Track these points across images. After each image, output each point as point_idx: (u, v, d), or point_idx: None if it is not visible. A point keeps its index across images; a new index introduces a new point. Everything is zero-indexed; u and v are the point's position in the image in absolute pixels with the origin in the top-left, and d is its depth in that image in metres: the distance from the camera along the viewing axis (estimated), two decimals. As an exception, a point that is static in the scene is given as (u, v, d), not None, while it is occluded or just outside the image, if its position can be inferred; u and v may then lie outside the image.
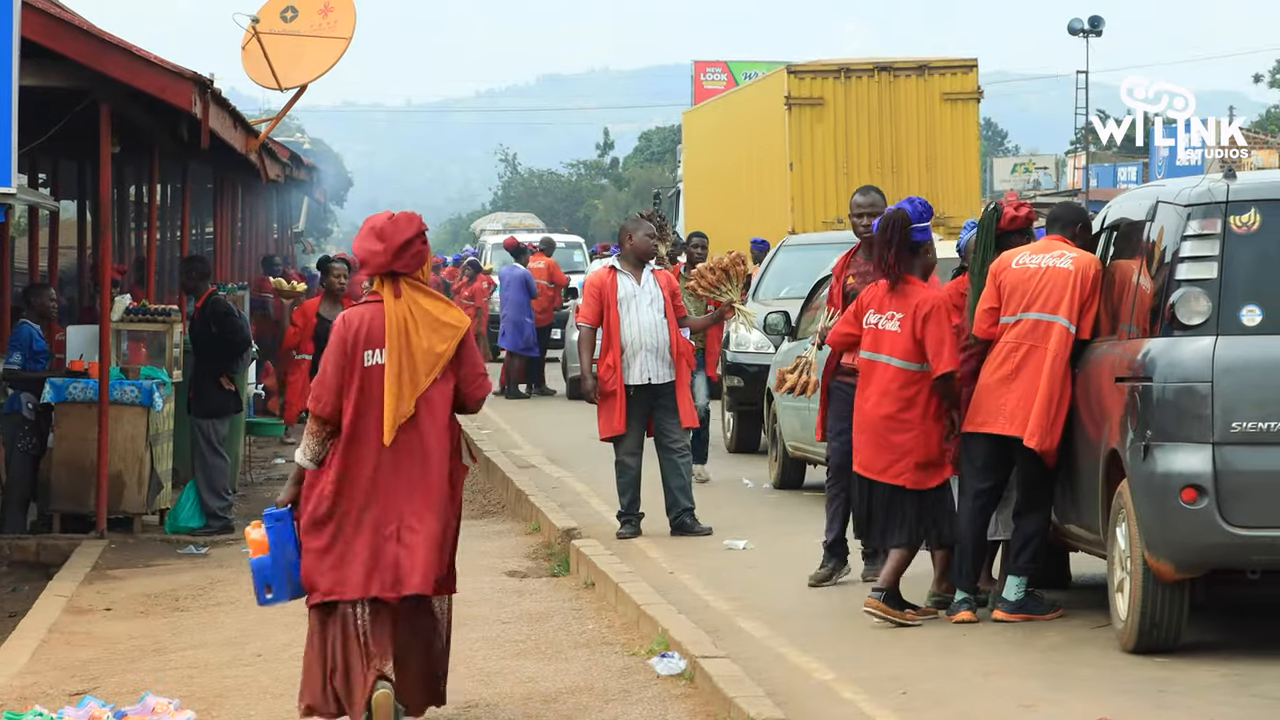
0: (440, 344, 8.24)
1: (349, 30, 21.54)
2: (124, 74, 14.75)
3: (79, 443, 15.55)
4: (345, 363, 8.24)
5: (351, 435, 8.21)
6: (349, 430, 8.21)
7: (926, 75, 27.79)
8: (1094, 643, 9.95)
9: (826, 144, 27.31)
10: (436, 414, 8.26)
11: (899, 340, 10.66)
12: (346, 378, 8.23)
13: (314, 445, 8.28)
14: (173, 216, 29.92)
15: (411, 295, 8.27)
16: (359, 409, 8.21)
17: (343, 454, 8.22)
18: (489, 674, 9.89)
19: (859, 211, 11.97)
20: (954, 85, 27.77)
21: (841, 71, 27.75)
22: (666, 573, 12.54)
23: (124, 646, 11.32)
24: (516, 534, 15.18)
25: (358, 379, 8.22)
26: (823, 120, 27.39)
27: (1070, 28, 61.10)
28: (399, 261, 8.26)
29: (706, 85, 76.64)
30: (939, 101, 27.52)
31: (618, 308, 14.01)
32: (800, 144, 27.43)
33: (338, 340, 8.29)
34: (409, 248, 8.27)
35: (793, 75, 27.83)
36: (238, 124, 18.83)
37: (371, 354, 8.23)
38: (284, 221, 47.50)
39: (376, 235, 8.29)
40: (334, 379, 8.25)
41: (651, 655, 9.95)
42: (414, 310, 8.24)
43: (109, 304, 16.03)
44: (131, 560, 14.67)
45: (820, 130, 27.35)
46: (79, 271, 25.59)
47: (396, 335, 8.19)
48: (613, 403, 13.92)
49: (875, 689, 8.97)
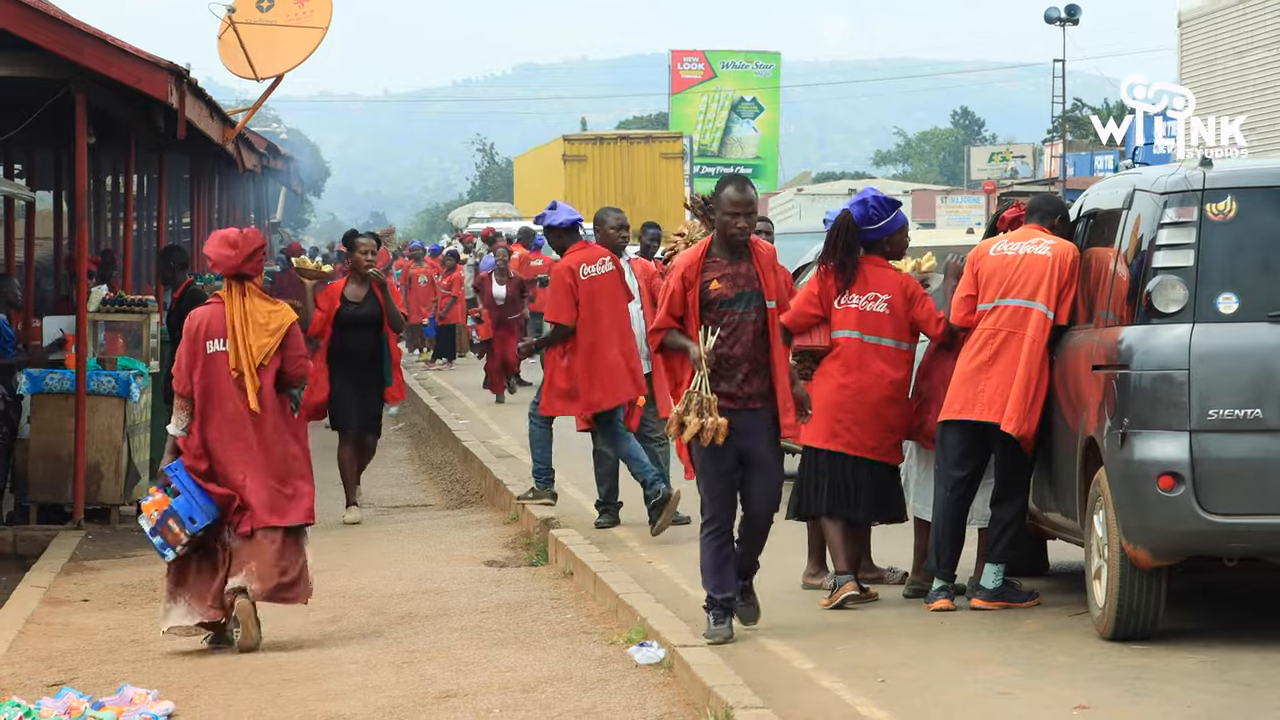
0: (265, 336, 10.49)
1: (325, 20, 21.53)
2: (99, 64, 14.71)
3: (56, 434, 15.51)
4: (193, 348, 10.50)
5: (202, 407, 10.47)
6: (199, 404, 10.48)
7: (651, 142, 47.52)
8: (1072, 630, 9.97)
9: (588, 185, 44.89)
10: (268, 386, 10.54)
11: (888, 321, 10.75)
12: (193, 361, 10.47)
13: (182, 417, 10.50)
14: (149, 207, 29.87)
15: (249, 297, 10.52)
16: (205, 386, 10.47)
17: (199, 421, 10.47)
18: (467, 663, 9.89)
19: (734, 210, 9.86)
20: (668, 148, 47.00)
21: (597, 139, 48.01)
22: (645, 562, 12.55)
23: (102, 637, 11.31)
24: (495, 524, 15.18)
25: (202, 362, 10.47)
26: (585, 170, 46.05)
27: (1047, 16, 61.19)
28: (247, 265, 10.52)
29: (684, 74, 76.67)
30: (659, 159, 46.36)
31: None
32: (571, 186, 44.96)
33: (187, 334, 10.55)
34: (254, 257, 10.55)
35: (566, 141, 47.83)
36: (214, 114, 18.79)
37: (213, 343, 10.48)
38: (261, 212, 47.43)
39: (230, 244, 10.53)
40: (187, 363, 10.50)
41: (630, 644, 9.95)
42: (248, 308, 10.50)
43: (85, 294, 15.99)
44: (109, 551, 14.65)
45: (584, 176, 45.81)
46: (55, 262, 25.54)
47: (231, 328, 10.47)
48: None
49: (854, 677, 8.98)
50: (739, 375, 9.86)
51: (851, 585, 10.67)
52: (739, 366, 9.86)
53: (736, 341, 9.85)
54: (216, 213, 31.66)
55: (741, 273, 9.91)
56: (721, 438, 9.65)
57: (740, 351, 9.87)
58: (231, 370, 10.44)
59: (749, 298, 9.89)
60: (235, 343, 10.43)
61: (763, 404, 9.90)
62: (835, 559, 10.83)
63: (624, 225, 14.40)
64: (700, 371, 9.70)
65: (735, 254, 9.94)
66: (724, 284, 9.87)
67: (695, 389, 9.69)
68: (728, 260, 9.92)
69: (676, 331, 9.91)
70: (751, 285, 9.90)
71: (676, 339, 9.90)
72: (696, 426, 9.63)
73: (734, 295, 9.86)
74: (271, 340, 10.51)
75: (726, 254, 9.93)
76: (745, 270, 9.91)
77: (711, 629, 9.85)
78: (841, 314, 10.80)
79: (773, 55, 79.40)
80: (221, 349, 10.47)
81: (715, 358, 9.72)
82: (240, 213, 38.63)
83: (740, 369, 9.86)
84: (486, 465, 17.42)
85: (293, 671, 9.95)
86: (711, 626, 9.87)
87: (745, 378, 9.86)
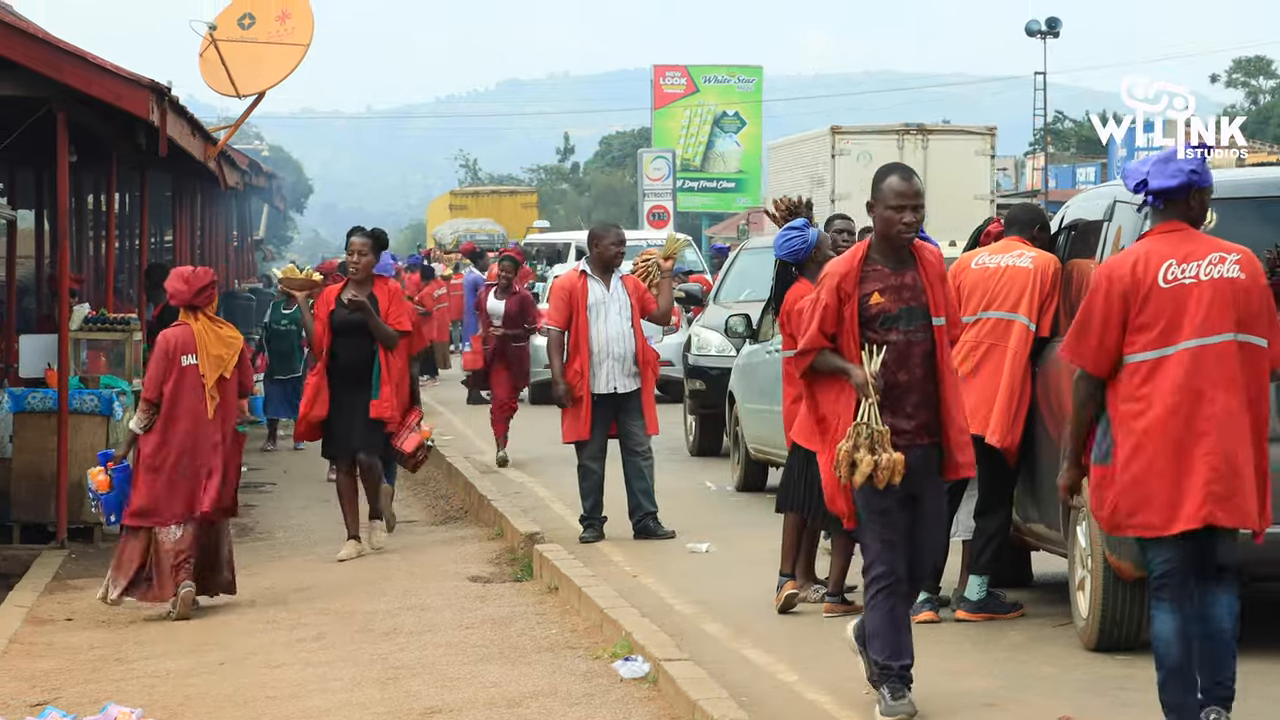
0: (224, 349, 12.49)
1: (307, 37, 21.51)
2: (80, 82, 14.69)
3: (39, 453, 15.48)
4: (167, 363, 12.35)
5: (169, 410, 12.35)
6: (168, 407, 12.35)
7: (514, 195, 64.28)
8: (1056, 641, 9.98)
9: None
10: (227, 395, 12.51)
11: None
12: (168, 373, 12.33)
13: (144, 419, 12.41)
14: (131, 225, 29.83)
15: (205, 321, 12.48)
16: (175, 393, 12.36)
17: (164, 422, 12.33)
18: (452, 679, 9.87)
19: (900, 203, 8.42)
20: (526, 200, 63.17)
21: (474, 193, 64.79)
22: (629, 576, 12.54)
23: (85, 656, 11.28)
24: (479, 539, 15.16)
25: (175, 373, 12.36)
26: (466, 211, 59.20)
27: (1028, 29, 61.32)
28: (198, 298, 12.47)
29: (666, 89, 76.65)
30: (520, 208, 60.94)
31: (586, 313, 13.98)
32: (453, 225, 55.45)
33: (161, 349, 12.42)
34: (204, 291, 12.49)
35: (453, 195, 64.98)
36: (196, 131, 18.78)
37: (186, 357, 12.37)
38: (244, 229, 47.40)
39: (184, 280, 12.55)
40: (159, 375, 12.36)
41: (615, 659, 9.94)
42: (208, 330, 12.48)
43: (67, 313, 15.96)
44: (92, 570, 14.59)
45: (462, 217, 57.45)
46: (37, 280, 25.48)
47: (200, 345, 12.40)
48: (578, 408, 13.93)
49: (839, 689, 8.98)
50: (907, 406, 8.37)
51: (791, 585, 11.01)
52: (907, 396, 8.37)
53: (902, 366, 8.35)
54: (199, 231, 31.62)
55: (907, 284, 8.39)
56: (899, 476, 8.21)
57: (906, 378, 8.36)
58: (202, 378, 12.36)
59: (914, 314, 8.39)
60: (204, 357, 12.40)
61: (930, 439, 8.42)
62: (783, 558, 11.17)
63: (621, 241, 14.33)
64: (867, 399, 8.23)
65: (899, 261, 8.42)
66: (887, 297, 8.38)
67: (864, 420, 8.23)
68: (891, 269, 8.44)
69: (830, 352, 8.40)
70: (918, 299, 8.39)
71: (831, 361, 8.39)
72: (869, 464, 8.19)
73: (897, 311, 8.40)
74: (229, 353, 12.52)
75: (889, 260, 8.45)
76: (911, 281, 8.40)
77: (889, 705, 8.33)
78: None
79: (755, 69, 79.40)
80: (193, 362, 12.37)
81: (882, 383, 8.29)
82: (223, 230, 38.61)
83: (909, 399, 8.37)
84: (471, 481, 17.41)
85: (277, 689, 9.94)
86: (889, 702, 8.34)
87: (914, 409, 8.38)
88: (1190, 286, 7.56)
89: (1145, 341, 7.55)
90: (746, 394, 16.52)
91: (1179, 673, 7.54)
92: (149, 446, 12.37)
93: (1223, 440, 7.47)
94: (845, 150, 33.35)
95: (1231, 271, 7.58)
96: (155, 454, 12.34)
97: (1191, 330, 7.51)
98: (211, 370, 12.39)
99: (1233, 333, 7.54)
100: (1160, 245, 7.64)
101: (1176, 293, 7.55)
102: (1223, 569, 7.65)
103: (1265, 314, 7.59)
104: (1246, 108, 79.42)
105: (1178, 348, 7.52)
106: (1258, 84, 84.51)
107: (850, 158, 33.30)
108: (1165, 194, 7.66)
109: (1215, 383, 7.50)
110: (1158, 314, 7.54)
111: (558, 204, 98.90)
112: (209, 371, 12.38)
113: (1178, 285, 7.56)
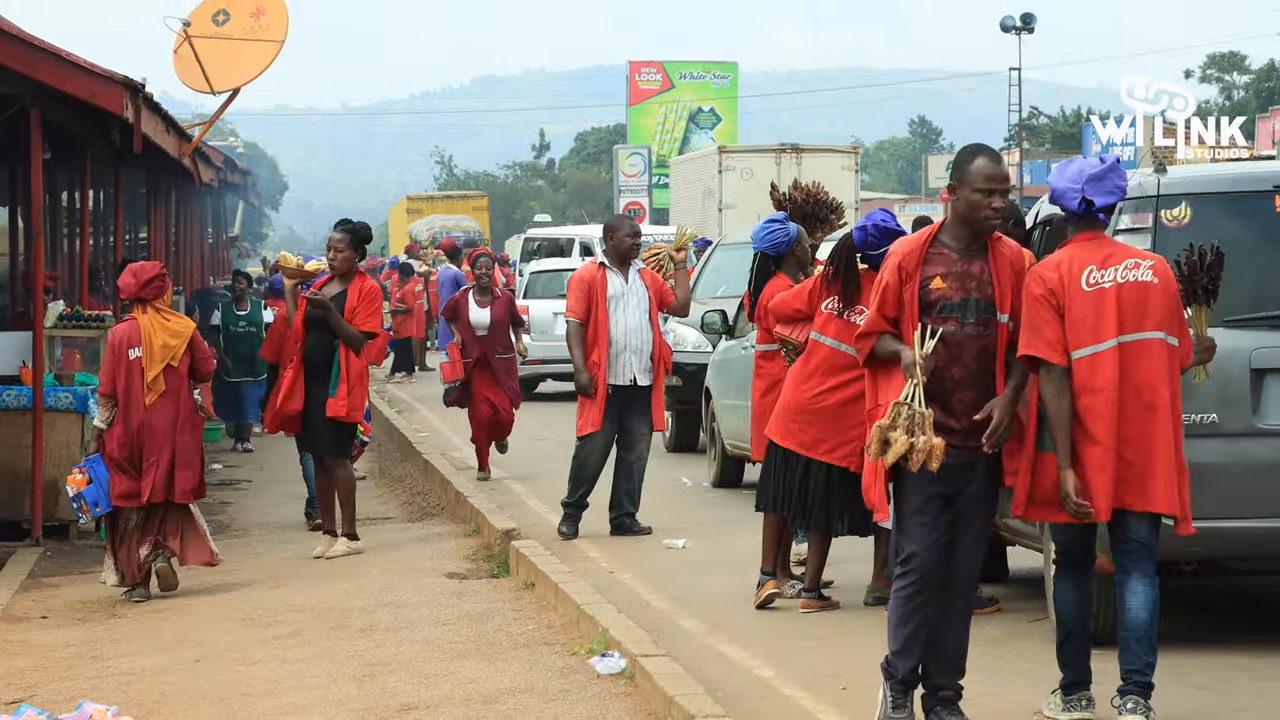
0: (172, 340, 12.91)
1: (282, 33, 21.48)
2: (54, 79, 14.64)
3: (13, 450, 15.44)
4: (115, 357, 12.85)
5: (124, 403, 12.88)
6: (121, 400, 12.89)
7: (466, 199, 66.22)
8: (1032, 636, 10.00)
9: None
10: (177, 383, 12.96)
11: None
12: (116, 367, 12.85)
13: (105, 413, 12.96)
14: (106, 221, 29.75)
15: (153, 313, 12.94)
16: (126, 386, 12.87)
17: (121, 415, 12.89)
18: (429, 675, 9.87)
19: (988, 186, 7.89)
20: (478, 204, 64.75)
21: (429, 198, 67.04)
22: (606, 572, 12.54)
23: (61, 654, 11.25)
24: (456, 536, 15.15)
25: (124, 367, 12.86)
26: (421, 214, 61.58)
27: (1003, 25, 61.47)
28: (144, 291, 12.94)
29: (641, 85, 76.69)
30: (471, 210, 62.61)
31: (606, 305, 13.99)
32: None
33: (110, 344, 13.01)
34: (150, 284, 12.95)
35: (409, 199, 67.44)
36: (170, 128, 18.72)
37: (133, 350, 12.84)
38: (219, 226, 47.29)
39: (132, 274, 13.04)
40: (109, 370, 12.93)
41: (592, 655, 9.94)
42: (155, 322, 12.91)
43: (42, 310, 15.92)
44: (67, 567, 14.58)
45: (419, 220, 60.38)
46: (11, 278, 25.41)
47: (145, 338, 12.84)
48: (596, 399, 13.90)
49: (815, 685, 8.99)
50: (956, 404, 7.82)
51: (772, 584, 11.03)
52: (958, 392, 7.81)
53: (956, 360, 7.81)
54: (174, 228, 31.51)
55: (973, 273, 7.86)
56: (936, 462, 7.63)
57: (959, 374, 7.81)
58: (145, 371, 12.80)
59: (977, 306, 7.85)
60: (149, 350, 12.83)
61: (979, 444, 7.84)
62: (764, 558, 11.19)
63: (637, 233, 14.34)
64: (913, 379, 7.69)
65: (969, 248, 7.90)
66: (949, 284, 7.85)
67: (905, 400, 7.69)
68: (958, 254, 7.92)
69: (890, 337, 7.89)
70: (983, 291, 7.86)
71: (887, 344, 7.89)
72: (904, 445, 7.63)
73: (958, 300, 7.87)
74: (177, 343, 12.90)
75: (959, 245, 7.93)
76: (978, 271, 7.87)
77: (887, 713, 7.83)
78: (824, 319, 10.83)
79: (730, 66, 79.50)
80: (139, 355, 12.87)
81: (929, 374, 7.73)
82: (198, 227, 38.52)
83: (958, 396, 7.82)
84: (447, 478, 17.40)
85: (253, 686, 9.92)
86: (887, 710, 7.84)
87: (966, 408, 7.81)
88: (1109, 290, 7.91)
89: (1075, 341, 7.91)
90: (723, 390, 16.53)
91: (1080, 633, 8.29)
92: (113, 440, 12.93)
93: (1141, 430, 7.90)
94: (731, 167, 37.59)
95: (1145, 276, 7.96)
96: (120, 446, 12.89)
97: (1115, 330, 7.89)
98: (157, 361, 12.83)
99: (1154, 331, 7.93)
100: (1081, 252, 8.04)
101: (1097, 296, 7.92)
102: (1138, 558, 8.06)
103: (1177, 316, 8.01)
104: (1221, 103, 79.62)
105: (1108, 344, 7.88)
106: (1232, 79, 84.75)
107: (735, 174, 37.61)
108: (1107, 209, 8.14)
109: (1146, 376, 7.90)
110: (1083, 316, 7.91)
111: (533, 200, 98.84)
112: (150, 364, 12.80)
113: (1098, 289, 7.92)
